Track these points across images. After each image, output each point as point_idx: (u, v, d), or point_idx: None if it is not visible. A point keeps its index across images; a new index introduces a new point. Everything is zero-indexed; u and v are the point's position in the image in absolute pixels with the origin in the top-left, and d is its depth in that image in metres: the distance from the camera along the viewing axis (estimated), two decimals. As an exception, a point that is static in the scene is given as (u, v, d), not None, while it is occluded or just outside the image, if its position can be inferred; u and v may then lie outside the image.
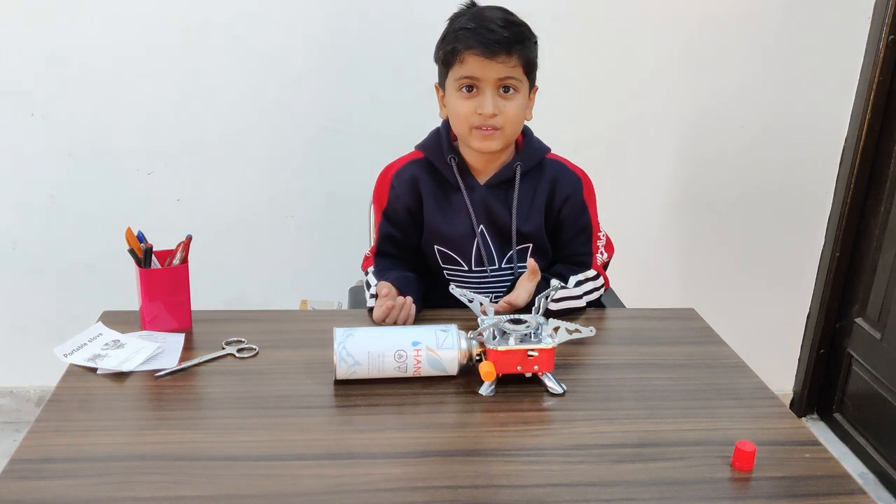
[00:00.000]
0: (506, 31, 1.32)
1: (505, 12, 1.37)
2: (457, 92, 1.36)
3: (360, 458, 0.98)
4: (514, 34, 1.33)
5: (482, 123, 1.35)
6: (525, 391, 1.15)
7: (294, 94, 2.06)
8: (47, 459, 0.96)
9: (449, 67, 1.37)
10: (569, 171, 1.48)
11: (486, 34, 1.32)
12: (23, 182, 2.07)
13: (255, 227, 2.17)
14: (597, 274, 1.47)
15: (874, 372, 2.22)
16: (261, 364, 1.21)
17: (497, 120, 1.35)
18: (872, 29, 2.12)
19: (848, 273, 2.33)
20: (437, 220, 1.45)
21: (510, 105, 1.35)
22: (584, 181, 1.49)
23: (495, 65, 1.32)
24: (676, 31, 2.09)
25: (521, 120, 1.40)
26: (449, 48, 1.35)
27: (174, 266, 1.28)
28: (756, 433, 1.06)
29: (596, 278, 1.46)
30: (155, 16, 1.96)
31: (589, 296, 1.44)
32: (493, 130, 1.36)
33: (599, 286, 1.47)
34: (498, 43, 1.31)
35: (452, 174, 1.44)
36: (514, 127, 1.39)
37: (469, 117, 1.36)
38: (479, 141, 1.38)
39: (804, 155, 2.25)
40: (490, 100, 1.34)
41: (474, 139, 1.38)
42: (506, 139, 1.39)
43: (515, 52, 1.33)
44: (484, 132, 1.36)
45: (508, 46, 1.32)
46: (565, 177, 1.47)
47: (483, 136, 1.37)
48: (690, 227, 2.30)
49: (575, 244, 1.48)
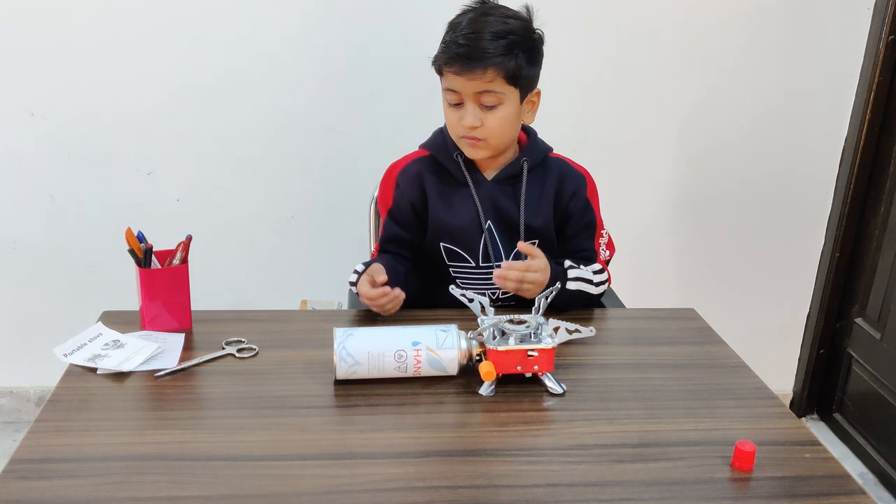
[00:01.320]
0: (489, 45, 1.30)
1: (499, 20, 1.34)
2: (446, 101, 1.40)
3: (360, 458, 0.98)
4: (497, 48, 1.31)
5: (465, 135, 1.38)
6: (525, 391, 1.15)
7: (294, 95, 2.06)
8: (47, 459, 0.96)
9: (440, 76, 1.40)
10: (573, 169, 1.50)
11: (463, 50, 1.31)
12: (23, 182, 2.07)
13: (255, 228, 2.17)
14: (602, 268, 1.48)
15: (874, 372, 2.22)
16: (261, 364, 1.21)
17: (479, 132, 1.37)
18: (872, 29, 2.12)
19: (848, 273, 2.33)
20: (442, 214, 1.45)
21: (491, 118, 1.36)
22: (588, 179, 1.50)
23: (470, 81, 1.33)
24: (676, 31, 2.09)
25: (506, 131, 1.40)
26: (435, 61, 1.38)
27: (174, 266, 1.28)
28: (756, 433, 1.06)
29: (602, 272, 1.47)
30: (155, 15, 1.96)
31: (601, 286, 1.45)
32: (476, 140, 1.38)
33: (605, 280, 1.48)
34: (471, 60, 1.31)
35: (459, 170, 1.45)
36: (498, 139, 1.40)
37: (455, 127, 1.39)
38: (467, 149, 1.41)
39: (804, 155, 2.25)
40: (471, 112, 1.36)
41: (463, 147, 1.42)
42: (492, 149, 1.41)
43: (492, 66, 1.31)
44: (470, 141, 1.39)
45: (485, 63, 1.31)
46: (571, 173, 1.49)
47: (469, 145, 1.40)
48: (690, 227, 2.30)
49: (579, 240, 1.49)
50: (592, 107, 2.14)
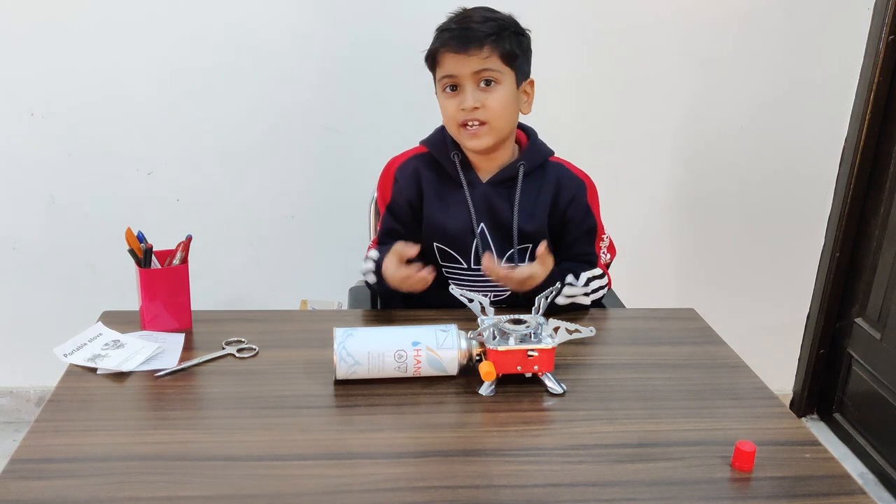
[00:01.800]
0: (481, 25, 1.34)
1: (487, 10, 1.39)
2: (442, 93, 1.39)
3: (360, 458, 0.98)
4: (489, 27, 1.34)
5: (466, 119, 1.36)
6: (525, 391, 1.15)
7: (294, 95, 2.06)
8: (47, 459, 0.96)
9: (434, 71, 1.40)
10: (572, 175, 1.49)
11: (458, 31, 1.34)
12: (23, 182, 2.07)
13: (255, 228, 2.17)
14: (602, 273, 1.48)
15: (874, 372, 2.22)
16: (261, 364, 1.21)
17: (480, 113, 1.35)
18: (872, 29, 2.12)
19: (848, 273, 2.33)
20: (436, 214, 1.45)
21: (491, 97, 1.35)
22: (588, 185, 1.49)
23: (468, 59, 1.33)
24: (676, 31, 2.09)
25: (507, 112, 1.39)
26: (429, 51, 1.39)
27: (174, 266, 1.28)
28: (756, 433, 1.06)
29: (602, 277, 1.47)
30: (155, 16, 1.96)
31: (595, 294, 1.45)
32: (479, 126, 1.37)
33: (604, 285, 1.48)
34: (468, 38, 1.33)
35: (455, 170, 1.44)
36: (500, 120, 1.38)
37: (455, 115, 1.37)
38: (468, 139, 1.39)
39: (804, 155, 2.25)
40: (470, 94, 1.35)
41: (464, 138, 1.39)
42: (495, 133, 1.38)
43: (488, 44, 1.33)
44: (470, 130, 1.37)
45: (481, 40, 1.33)
46: (569, 179, 1.47)
47: (470, 135, 1.38)
48: (690, 227, 2.30)
49: (580, 244, 1.48)
50: (591, 107, 2.14)
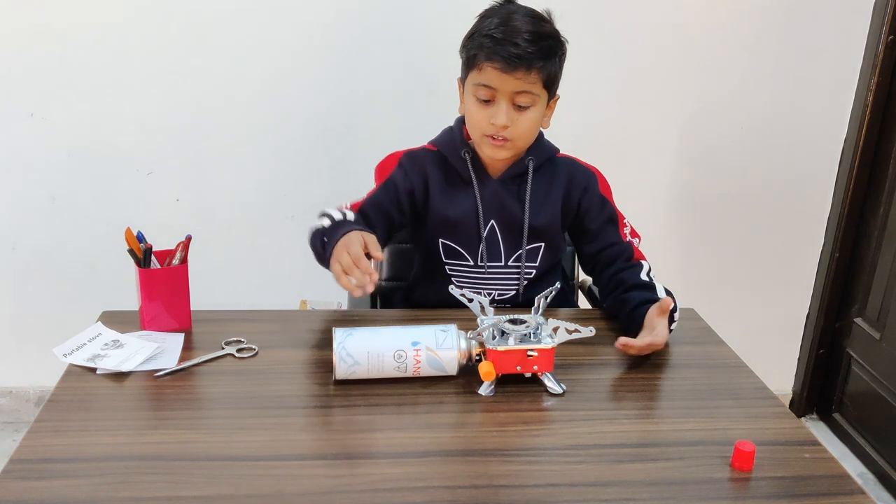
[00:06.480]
0: (531, 45, 1.29)
1: (536, 22, 1.33)
2: (473, 97, 1.36)
3: (360, 458, 0.99)
4: (540, 49, 1.30)
5: (494, 133, 1.35)
6: (525, 391, 1.15)
7: (294, 95, 2.06)
8: (47, 459, 0.96)
9: (469, 70, 1.36)
10: (582, 167, 1.49)
11: (510, 48, 1.28)
12: (23, 182, 2.07)
13: (255, 228, 2.17)
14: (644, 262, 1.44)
15: (873, 372, 2.22)
16: (260, 364, 1.21)
17: (508, 132, 1.34)
18: (872, 29, 2.12)
19: (847, 273, 2.33)
20: (443, 208, 1.44)
21: (523, 119, 1.34)
22: (598, 176, 1.49)
23: (513, 79, 1.30)
24: (676, 31, 2.09)
25: (533, 133, 1.39)
26: (472, 53, 1.34)
27: (174, 266, 1.28)
28: (756, 433, 1.06)
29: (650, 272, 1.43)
30: (155, 16, 1.96)
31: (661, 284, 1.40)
32: (503, 141, 1.36)
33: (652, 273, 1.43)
34: (519, 59, 1.28)
35: (465, 168, 1.44)
36: (524, 140, 1.39)
37: (481, 125, 1.36)
38: (489, 149, 1.38)
39: (804, 155, 2.25)
40: (504, 111, 1.32)
41: (485, 146, 1.38)
42: (516, 150, 1.40)
43: (536, 69, 1.30)
44: (495, 142, 1.36)
45: (530, 63, 1.29)
46: (579, 171, 1.48)
47: (493, 146, 1.37)
48: (690, 228, 2.30)
49: (605, 235, 1.46)
50: (592, 107, 2.14)
